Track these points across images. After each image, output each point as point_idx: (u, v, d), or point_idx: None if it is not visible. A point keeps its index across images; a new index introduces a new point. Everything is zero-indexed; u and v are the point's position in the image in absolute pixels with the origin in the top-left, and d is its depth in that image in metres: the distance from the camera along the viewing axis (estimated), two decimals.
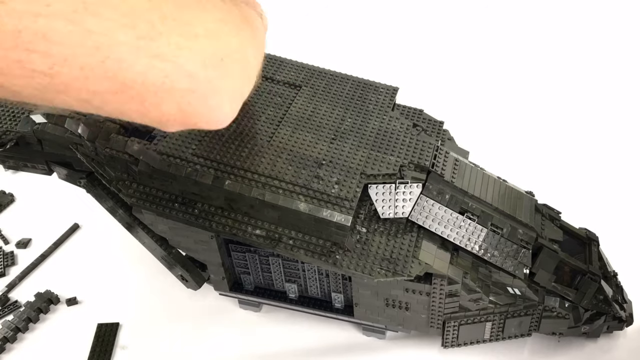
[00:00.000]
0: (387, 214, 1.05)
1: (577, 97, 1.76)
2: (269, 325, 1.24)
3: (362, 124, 1.13)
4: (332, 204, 0.99)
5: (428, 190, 1.05)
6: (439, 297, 1.05)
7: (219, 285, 1.20)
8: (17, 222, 1.50)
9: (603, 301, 1.09)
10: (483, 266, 1.07)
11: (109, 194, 1.15)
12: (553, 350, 1.15)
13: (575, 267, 1.10)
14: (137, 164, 1.04)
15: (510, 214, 1.09)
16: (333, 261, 1.00)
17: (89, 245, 1.43)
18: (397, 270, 0.99)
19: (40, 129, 1.11)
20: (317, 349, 1.19)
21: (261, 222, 1.02)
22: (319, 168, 1.03)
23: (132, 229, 1.15)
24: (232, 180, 1.00)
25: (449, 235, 1.06)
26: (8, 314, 1.28)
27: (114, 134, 1.06)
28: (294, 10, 2.27)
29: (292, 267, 1.13)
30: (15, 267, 1.39)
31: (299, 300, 1.19)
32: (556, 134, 1.64)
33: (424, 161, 1.08)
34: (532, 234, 1.09)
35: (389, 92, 1.21)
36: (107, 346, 1.21)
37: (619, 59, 1.91)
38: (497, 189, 1.13)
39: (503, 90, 1.81)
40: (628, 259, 1.23)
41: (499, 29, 2.08)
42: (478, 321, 1.09)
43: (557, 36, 2.02)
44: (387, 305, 1.09)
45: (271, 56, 1.25)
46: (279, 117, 1.12)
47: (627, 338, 1.16)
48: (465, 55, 1.97)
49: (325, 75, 1.22)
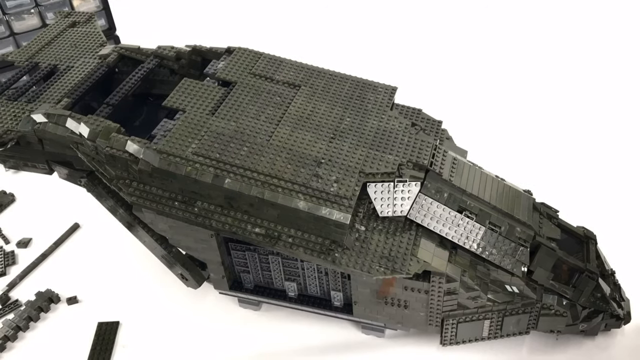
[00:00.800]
0: (386, 212, 1.06)
1: (575, 96, 1.77)
2: (269, 324, 1.24)
3: (360, 123, 1.13)
4: (331, 202, 0.99)
5: (426, 189, 1.06)
6: (438, 295, 1.05)
7: (219, 284, 1.21)
8: (18, 222, 1.50)
9: (601, 299, 1.09)
10: (481, 264, 1.08)
11: (109, 193, 1.15)
12: (551, 347, 1.15)
13: (573, 265, 1.10)
14: (137, 162, 1.04)
15: (508, 212, 1.10)
16: (332, 259, 1.00)
17: (89, 245, 1.44)
18: (396, 268, 1.00)
19: (40, 129, 1.12)
20: (316, 347, 1.19)
21: (261, 220, 1.03)
22: (318, 167, 1.04)
23: (132, 228, 1.16)
24: (231, 179, 1.01)
25: (448, 233, 1.06)
26: (9, 313, 1.28)
27: (114, 133, 1.07)
28: (294, 10, 2.27)
29: (291, 265, 1.14)
30: (15, 266, 1.39)
31: (298, 298, 1.19)
32: (554, 133, 1.64)
33: (423, 160, 1.08)
34: (530, 232, 1.09)
35: (387, 91, 1.21)
36: (107, 345, 1.21)
37: (617, 58, 1.91)
38: (495, 187, 1.14)
39: (501, 89, 1.81)
40: (626, 257, 1.24)
41: (498, 28, 2.09)
42: (476, 319, 1.09)
43: (556, 35, 2.03)
44: (386, 304, 1.09)
45: (271, 56, 1.26)
46: (279, 117, 1.12)
47: (624, 336, 1.16)
48: (464, 55, 1.98)
49: (324, 75, 1.23)
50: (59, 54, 1.33)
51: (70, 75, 1.25)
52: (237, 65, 1.22)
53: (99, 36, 1.38)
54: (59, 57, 1.32)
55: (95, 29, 1.40)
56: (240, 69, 1.22)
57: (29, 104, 1.19)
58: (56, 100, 1.18)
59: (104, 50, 1.32)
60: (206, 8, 2.32)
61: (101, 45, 1.35)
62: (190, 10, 2.31)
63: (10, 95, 1.23)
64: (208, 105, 1.13)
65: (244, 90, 1.17)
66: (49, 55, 1.33)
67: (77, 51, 1.33)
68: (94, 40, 1.37)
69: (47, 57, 1.33)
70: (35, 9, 1.83)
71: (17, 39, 1.85)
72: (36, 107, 1.18)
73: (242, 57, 1.25)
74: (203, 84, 1.18)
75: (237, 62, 1.23)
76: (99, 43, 1.35)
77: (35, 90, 1.22)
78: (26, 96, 1.22)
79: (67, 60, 1.31)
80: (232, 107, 1.13)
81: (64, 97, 1.19)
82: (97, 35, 1.38)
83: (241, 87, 1.18)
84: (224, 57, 1.25)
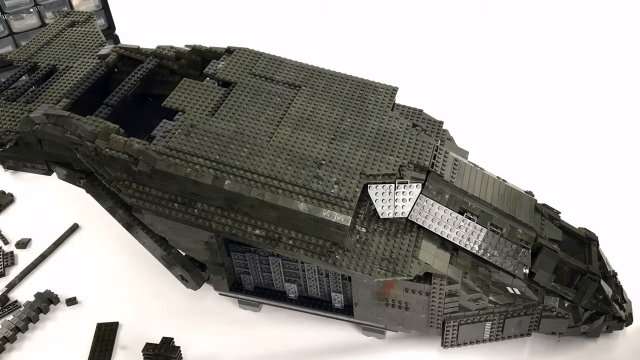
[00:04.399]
0: (387, 213, 1.05)
1: (576, 97, 1.77)
2: (269, 325, 1.24)
3: (361, 124, 1.13)
4: (332, 204, 0.99)
5: (427, 190, 1.05)
6: (439, 297, 1.05)
7: (219, 285, 1.20)
8: (17, 222, 1.50)
9: (603, 301, 1.09)
10: (483, 266, 1.08)
11: (108, 194, 1.15)
12: (553, 349, 1.15)
13: (575, 267, 1.10)
14: (136, 164, 1.04)
15: (509, 213, 1.10)
16: (333, 261, 1.00)
17: (89, 245, 1.43)
18: (397, 270, 0.99)
19: (39, 129, 1.11)
20: (316, 349, 1.19)
21: (261, 222, 1.02)
22: (319, 168, 1.03)
23: (131, 229, 1.15)
24: (231, 181, 1.00)
25: (449, 235, 1.06)
26: (8, 314, 1.28)
27: (113, 134, 1.06)
28: (294, 10, 2.27)
29: (291, 267, 1.13)
30: (15, 267, 1.39)
31: (298, 300, 1.19)
32: (556, 134, 1.64)
33: (424, 161, 1.08)
34: (532, 233, 1.09)
35: (388, 92, 1.21)
36: (107, 346, 1.21)
37: (618, 59, 1.91)
38: (496, 188, 1.13)
39: (503, 90, 1.81)
40: (627, 259, 1.23)
41: (498, 29, 2.08)
42: (478, 321, 1.09)
43: (557, 36, 2.03)
44: (386, 305, 1.09)
45: (271, 56, 1.25)
46: (279, 117, 1.12)
47: (626, 338, 1.16)
48: (465, 55, 1.97)
49: (325, 75, 1.23)
50: (58, 54, 1.33)
51: (70, 76, 1.24)
52: (237, 66, 1.22)
53: (99, 36, 1.37)
54: (58, 57, 1.32)
55: (94, 29, 1.40)
56: (240, 69, 1.21)
57: (27, 105, 1.19)
58: (55, 100, 1.18)
59: (104, 50, 1.31)
60: (206, 8, 2.32)
61: (100, 45, 1.34)
62: (190, 10, 2.30)
63: (9, 95, 1.22)
64: (208, 105, 1.13)
65: (244, 91, 1.16)
66: (48, 55, 1.33)
67: (76, 51, 1.33)
68: (93, 40, 1.36)
69: (46, 57, 1.32)
70: (34, 8, 1.83)
71: (16, 38, 1.84)
72: (35, 107, 1.17)
73: (242, 57, 1.24)
74: (203, 84, 1.17)
75: (237, 62, 1.23)
76: (98, 43, 1.35)
77: (34, 91, 1.22)
78: (25, 96, 1.21)
79: (66, 60, 1.30)
80: (232, 107, 1.12)
81: (63, 97, 1.19)
82: (96, 35, 1.38)
83: (241, 88, 1.17)
84: (224, 57, 1.25)
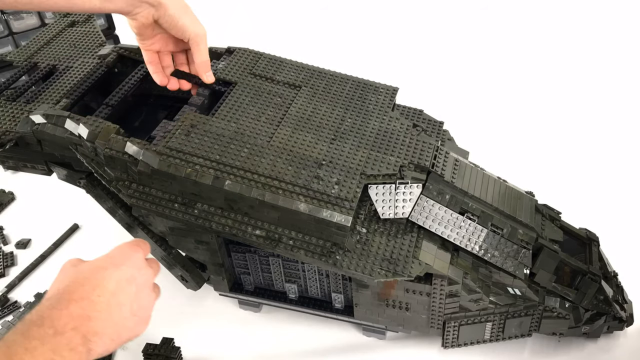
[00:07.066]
0: (387, 214, 1.05)
1: (577, 97, 1.77)
2: (269, 326, 1.24)
3: (362, 125, 1.12)
4: (332, 204, 0.99)
5: (428, 191, 1.05)
6: (439, 298, 1.05)
7: (219, 286, 1.20)
8: (17, 223, 1.50)
9: (603, 301, 1.09)
10: (483, 266, 1.07)
11: (108, 194, 1.15)
12: (553, 350, 1.15)
13: (576, 268, 1.09)
14: (136, 164, 1.03)
15: (510, 214, 1.09)
16: (333, 261, 1.00)
17: (89, 246, 1.43)
18: (398, 271, 0.99)
19: (39, 130, 1.11)
20: (317, 350, 1.19)
21: (261, 222, 1.02)
22: (319, 168, 1.03)
23: (131, 229, 1.15)
24: (232, 181, 1.00)
25: (449, 235, 1.05)
26: (8, 315, 1.27)
27: (113, 134, 1.06)
28: (295, 11, 2.27)
29: (292, 267, 1.13)
30: (15, 267, 1.39)
31: (299, 300, 1.19)
32: (556, 135, 1.64)
33: (424, 161, 1.07)
34: (533, 234, 1.09)
35: (388, 92, 1.20)
36: None
37: (619, 59, 1.91)
38: (497, 189, 1.13)
39: (503, 90, 1.81)
40: (628, 259, 1.23)
41: (499, 29, 2.08)
42: (478, 321, 1.09)
43: (557, 37, 2.03)
44: (387, 306, 1.09)
45: (271, 56, 1.25)
46: (279, 118, 1.12)
47: (627, 338, 1.16)
48: (465, 56, 1.97)
49: (325, 75, 1.22)
50: (58, 54, 1.32)
51: (69, 76, 1.24)
52: (238, 66, 1.22)
53: (98, 36, 1.37)
54: (58, 57, 1.32)
55: (94, 29, 1.40)
56: (241, 69, 1.21)
57: (27, 105, 1.18)
58: (55, 100, 1.18)
59: (103, 50, 1.31)
60: (206, 8, 2.31)
61: (100, 45, 1.34)
62: None
63: (9, 95, 1.22)
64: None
65: (244, 91, 1.16)
66: (48, 55, 1.32)
67: (76, 51, 1.33)
68: (93, 40, 1.36)
69: (46, 57, 1.32)
70: None
71: (16, 38, 1.84)
72: (35, 107, 1.17)
73: (243, 57, 1.24)
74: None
75: (237, 62, 1.22)
76: (98, 43, 1.35)
77: (34, 91, 1.22)
78: (25, 96, 1.21)
79: (66, 60, 1.30)
80: (233, 107, 1.12)
81: (63, 97, 1.18)
82: (96, 35, 1.37)
83: (241, 88, 1.17)
84: (224, 57, 1.25)
